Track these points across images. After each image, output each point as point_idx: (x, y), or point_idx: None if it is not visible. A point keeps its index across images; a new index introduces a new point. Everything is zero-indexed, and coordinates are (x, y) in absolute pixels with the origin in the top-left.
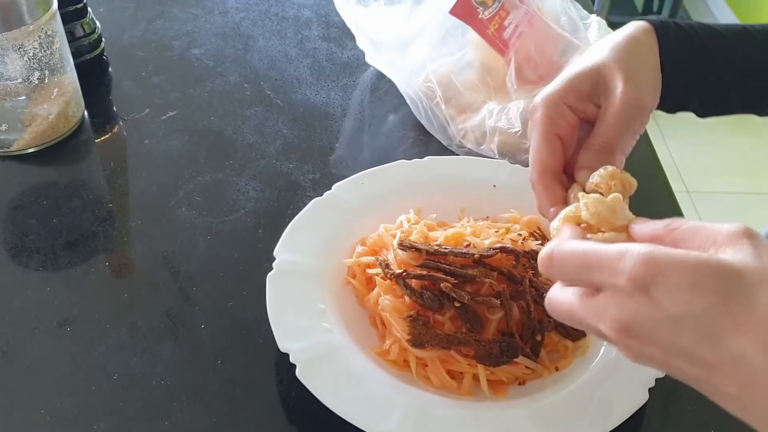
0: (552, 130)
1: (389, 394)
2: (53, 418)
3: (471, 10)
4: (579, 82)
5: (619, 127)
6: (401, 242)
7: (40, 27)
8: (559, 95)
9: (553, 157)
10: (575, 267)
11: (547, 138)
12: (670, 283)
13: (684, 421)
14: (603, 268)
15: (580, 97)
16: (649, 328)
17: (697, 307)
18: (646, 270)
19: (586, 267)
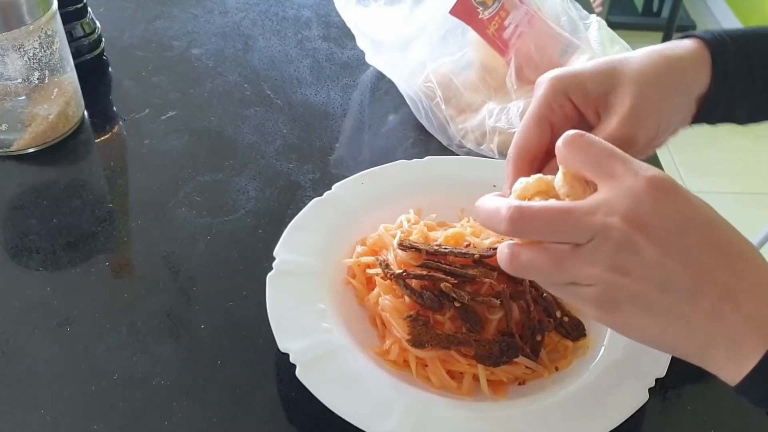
0: (546, 116)
1: (389, 394)
2: (53, 418)
3: (471, 10)
4: (591, 82)
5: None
6: (401, 242)
7: (40, 27)
8: (566, 86)
9: (536, 142)
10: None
11: (539, 122)
12: (687, 194)
13: (684, 421)
14: (630, 160)
15: (584, 98)
16: (661, 224)
17: (707, 216)
18: (670, 180)
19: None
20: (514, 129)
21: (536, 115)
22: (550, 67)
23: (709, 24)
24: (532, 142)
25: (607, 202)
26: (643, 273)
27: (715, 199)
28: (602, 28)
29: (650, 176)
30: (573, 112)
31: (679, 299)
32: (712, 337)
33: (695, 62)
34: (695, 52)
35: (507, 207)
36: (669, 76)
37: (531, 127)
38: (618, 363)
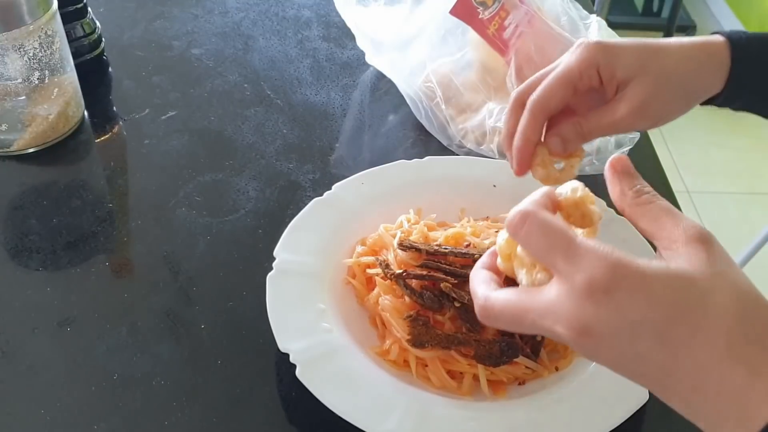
0: (573, 81)
1: (389, 394)
2: (53, 418)
3: (471, 10)
4: (621, 65)
5: (607, 132)
6: (401, 242)
7: (40, 27)
8: (599, 61)
9: (557, 101)
10: (545, 237)
11: (565, 84)
12: (632, 290)
13: (684, 421)
14: (571, 255)
15: (611, 76)
16: (607, 331)
17: (656, 315)
18: (611, 276)
19: (554, 245)
20: None
21: (565, 76)
22: None
23: (709, 24)
24: (553, 101)
25: (552, 307)
26: (608, 362)
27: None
28: (602, 28)
29: (588, 277)
30: (597, 84)
31: (652, 387)
32: (697, 418)
33: (717, 65)
34: (718, 53)
35: (480, 298)
36: (687, 78)
37: (557, 86)
38: None
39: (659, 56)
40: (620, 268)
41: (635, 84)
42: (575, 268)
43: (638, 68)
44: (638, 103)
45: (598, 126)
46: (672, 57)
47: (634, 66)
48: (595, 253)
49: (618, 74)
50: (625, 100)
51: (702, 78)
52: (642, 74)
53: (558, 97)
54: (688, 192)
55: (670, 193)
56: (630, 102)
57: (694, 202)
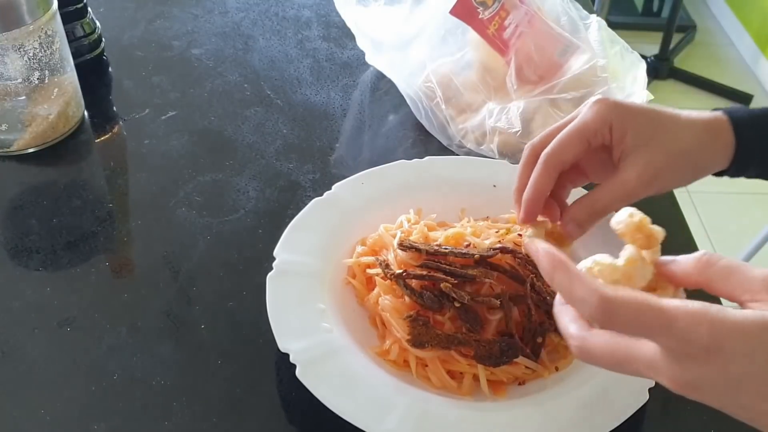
0: (588, 137)
1: (389, 394)
2: (53, 418)
3: (471, 10)
4: (632, 131)
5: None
6: (401, 242)
7: (40, 27)
8: (613, 121)
9: (572, 155)
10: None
11: (581, 138)
12: (732, 346)
13: (684, 421)
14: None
15: (620, 139)
16: (711, 386)
17: (757, 368)
18: (709, 336)
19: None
20: (514, 129)
21: (581, 131)
22: (550, 67)
23: (709, 24)
24: (567, 155)
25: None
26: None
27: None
28: (602, 28)
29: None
30: (608, 142)
31: (754, 423)
32: None
33: (723, 146)
34: (723, 133)
35: (577, 338)
36: (695, 154)
37: (572, 140)
38: None
39: (669, 127)
40: (717, 326)
41: (645, 154)
42: (673, 336)
43: (649, 138)
44: (649, 177)
45: (611, 201)
46: (682, 131)
47: (646, 135)
48: (689, 316)
49: (628, 139)
50: (635, 171)
51: (709, 156)
52: (653, 146)
53: (573, 152)
54: (688, 192)
55: (670, 193)
56: (640, 174)
57: (694, 202)
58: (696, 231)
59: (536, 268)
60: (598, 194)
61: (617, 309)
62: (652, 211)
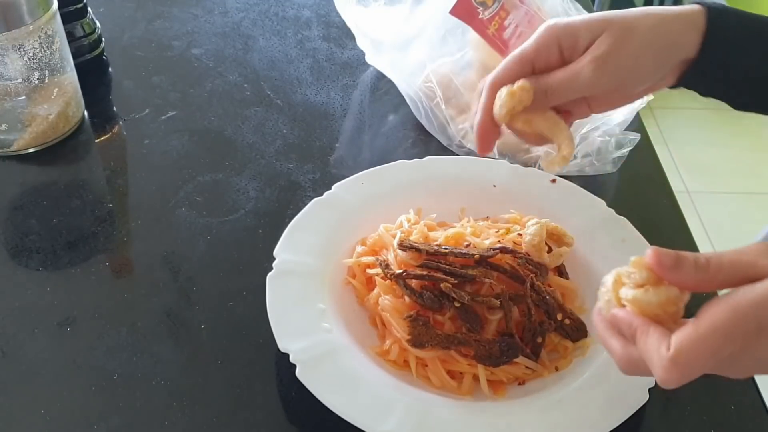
0: (531, 59)
1: (389, 394)
2: (53, 418)
3: (471, 10)
4: (583, 30)
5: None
6: (401, 242)
7: (40, 27)
8: (559, 34)
9: (514, 78)
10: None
11: (522, 62)
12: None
13: (684, 421)
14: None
15: (574, 45)
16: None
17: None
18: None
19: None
20: None
21: (523, 55)
22: None
23: None
24: (507, 78)
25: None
26: None
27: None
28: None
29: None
30: (557, 61)
31: None
32: None
33: (687, 24)
34: (692, 15)
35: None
36: (653, 31)
37: (513, 64)
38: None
39: (620, 14)
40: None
41: (599, 39)
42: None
43: (600, 27)
44: (601, 53)
45: (560, 84)
46: (638, 12)
47: (595, 26)
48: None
49: (581, 41)
50: (588, 57)
51: (671, 34)
52: (605, 30)
53: (512, 74)
54: (688, 192)
55: (670, 193)
56: (592, 53)
57: (694, 202)
58: (696, 231)
59: (536, 267)
60: (550, 76)
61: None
62: (652, 211)
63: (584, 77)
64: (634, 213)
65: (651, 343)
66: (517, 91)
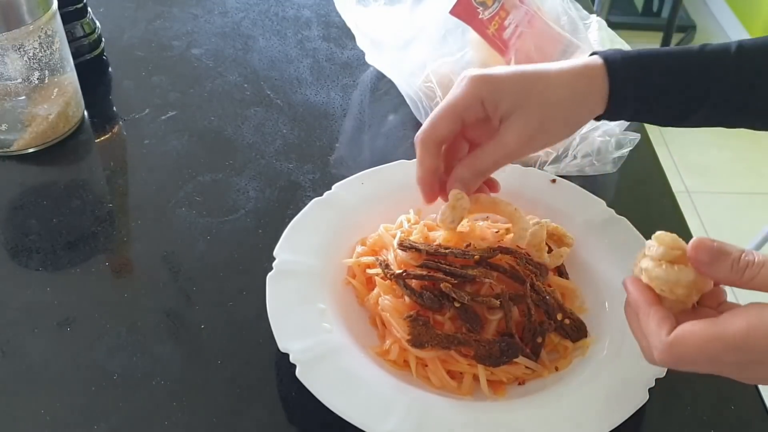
0: (460, 114)
1: (389, 394)
2: (53, 418)
3: (471, 10)
4: (505, 98)
5: (500, 165)
6: (401, 242)
7: (40, 27)
8: (483, 95)
9: (445, 133)
10: (711, 355)
11: (452, 117)
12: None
13: (684, 421)
14: (733, 352)
15: (495, 108)
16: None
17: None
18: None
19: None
20: None
21: (449, 109)
22: None
23: (709, 24)
24: (440, 133)
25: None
26: None
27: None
28: (602, 28)
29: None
30: (483, 116)
31: None
32: None
33: (595, 92)
34: (597, 80)
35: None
36: (571, 111)
37: (441, 119)
38: (618, 363)
39: (539, 88)
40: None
41: (519, 117)
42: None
43: (522, 100)
44: (526, 137)
45: (492, 161)
46: (552, 87)
47: (517, 99)
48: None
49: (501, 107)
50: (512, 134)
51: (583, 104)
52: (525, 106)
53: (443, 129)
54: (688, 192)
55: (670, 193)
56: (518, 136)
57: (694, 202)
58: (696, 231)
59: (536, 267)
60: (480, 155)
61: (682, 352)
62: (652, 211)
63: (512, 155)
64: (634, 213)
65: (651, 325)
66: (456, 204)
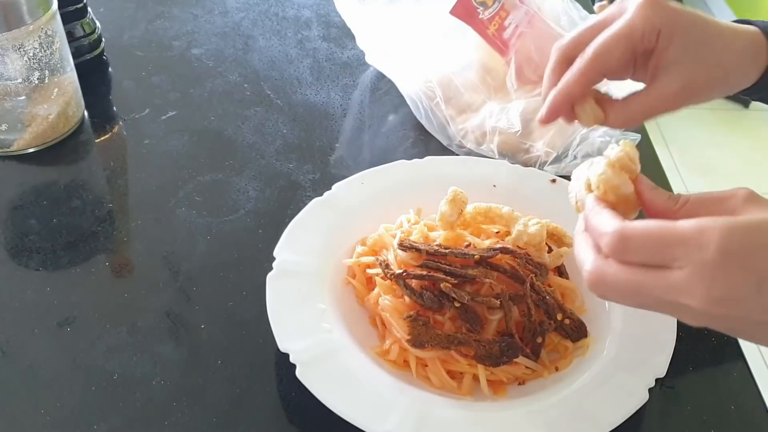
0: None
1: (389, 394)
2: (53, 418)
3: (471, 11)
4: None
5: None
6: (401, 242)
7: (40, 27)
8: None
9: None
10: (653, 245)
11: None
12: (753, 243)
13: (684, 421)
14: (685, 244)
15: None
16: (743, 293)
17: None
18: (733, 240)
19: (664, 245)
20: (514, 129)
21: (630, 34)
22: None
23: None
24: (613, 59)
25: (683, 288)
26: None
27: None
28: None
29: (721, 247)
30: (652, 47)
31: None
32: None
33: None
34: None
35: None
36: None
37: (621, 43)
38: (618, 363)
39: (715, 46)
40: (728, 229)
41: (689, 69)
42: (697, 250)
43: (694, 52)
44: (690, 93)
45: (649, 111)
46: (726, 51)
47: (692, 48)
48: (706, 229)
49: (673, 48)
50: (677, 86)
51: (747, 75)
52: (697, 62)
53: (618, 57)
54: (688, 192)
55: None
56: (684, 90)
57: None
58: None
59: (536, 267)
60: (636, 103)
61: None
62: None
63: (670, 107)
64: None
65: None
66: (455, 198)
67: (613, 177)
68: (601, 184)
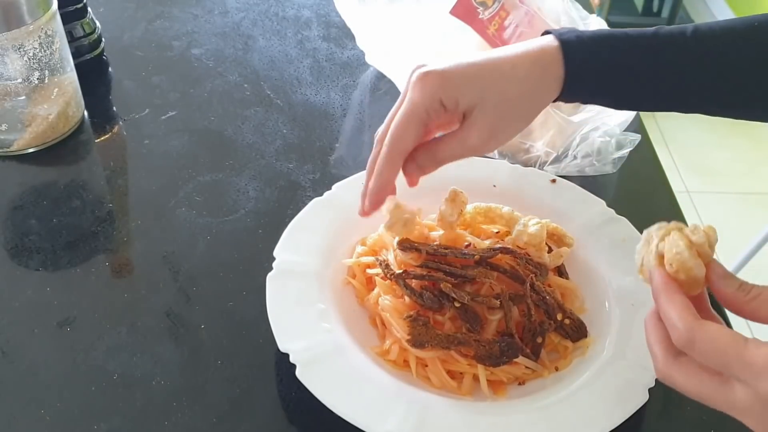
0: (423, 120)
1: (389, 394)
2: (53, 418)
3: (471, 11)
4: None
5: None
6: (401, 242)
7: (40, 27)
8: (440, 95)
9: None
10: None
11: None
12: None
13: (684, 421)
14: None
15: (455, 107)
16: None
17: None
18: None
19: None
20: None
21: (414, 118)
22: None
23: None
24: (407, 145)
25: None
26: None
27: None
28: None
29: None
30: (443, 113)
31: None
32: None
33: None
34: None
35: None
36: (530, 103)
37: (408, 130)
38: (618, 363)
39: (497, 83)
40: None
41: (479, 115)
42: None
43: (480, 98)
44: (487, 133)
45: (452, 154)
46: (509, 81)
47: (475, 95)
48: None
49: (461, 103)
50: (474, 132)
51: (540, 94)
52: (484, 104)
53: (410, 139)
54: (688, 192)
55: (670, 193)
56: (480, 133)
57: (694, 202)
58: None
59: (536, 267)
60: (442, 146)
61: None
62: (652, 212)
63: (474, 147)
64: (634, 213)
65: (677, 305)
66: (456, 197)
67: (689, 260)
68: (675, 263)
